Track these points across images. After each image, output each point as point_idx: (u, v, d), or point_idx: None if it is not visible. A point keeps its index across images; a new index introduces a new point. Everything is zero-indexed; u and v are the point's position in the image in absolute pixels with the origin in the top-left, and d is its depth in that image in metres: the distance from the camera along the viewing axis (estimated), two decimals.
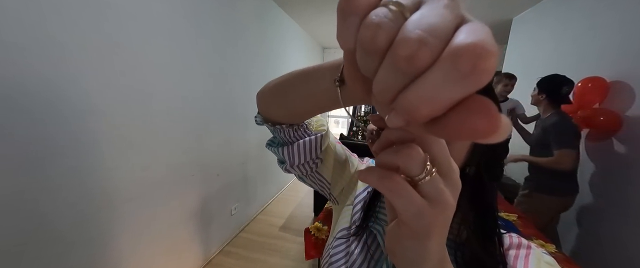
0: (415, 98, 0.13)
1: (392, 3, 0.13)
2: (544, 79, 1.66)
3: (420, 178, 0.18)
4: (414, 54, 0.12)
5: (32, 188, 0.97)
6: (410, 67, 0.12)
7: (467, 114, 0.12)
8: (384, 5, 0.13)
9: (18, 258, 0.96)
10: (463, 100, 0.13)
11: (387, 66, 0.13)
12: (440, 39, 0.12)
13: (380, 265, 0.43)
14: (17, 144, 0.92)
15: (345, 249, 0.47)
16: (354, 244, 0.46)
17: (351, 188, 0.55)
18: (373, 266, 0.43)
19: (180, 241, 1.74)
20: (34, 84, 0.94)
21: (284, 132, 0.42)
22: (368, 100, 0.18)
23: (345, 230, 0.50)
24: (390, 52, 0.12)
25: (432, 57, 0.12)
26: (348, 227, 0.50)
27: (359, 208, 0.51)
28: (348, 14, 0.14)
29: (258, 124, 0.44)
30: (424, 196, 0.19)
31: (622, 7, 1.70)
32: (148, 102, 1.40)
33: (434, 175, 0.19)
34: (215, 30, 1.87)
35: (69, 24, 1.02)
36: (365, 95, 0.17)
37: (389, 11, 0.13)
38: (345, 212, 0.53)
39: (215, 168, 2.02)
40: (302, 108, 0.35)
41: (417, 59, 0.12)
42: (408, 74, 0.12)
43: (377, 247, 0.45)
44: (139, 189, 1.40)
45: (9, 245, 0.93)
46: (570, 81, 1.59)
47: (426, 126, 0.14)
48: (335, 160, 0.52)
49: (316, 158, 0.47)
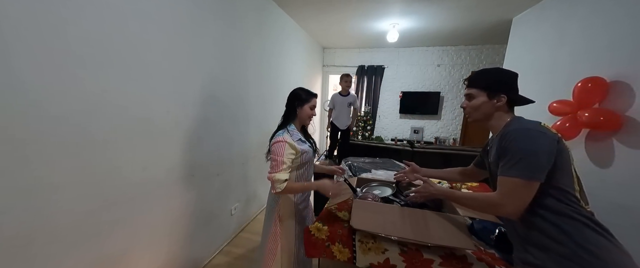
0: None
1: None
2: (486, 74, 0.98)
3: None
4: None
5: (32, 188, 0.97)
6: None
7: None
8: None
9: (18, 258, 0.96)
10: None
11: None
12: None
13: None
14: (17, 144, 0.92)
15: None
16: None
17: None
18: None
19: (181, 241, 1.75)
20: (34, 84, 0.94)
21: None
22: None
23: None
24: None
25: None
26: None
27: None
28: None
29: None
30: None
31: (622, 7, 1.70)
32: (148, 102, 1.40)
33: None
34: (216, 30, 1.87)
35: (70, 24, 1.02)
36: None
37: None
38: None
39: (215, 168, 2.02)
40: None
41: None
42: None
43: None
44: (139, 189, 1.40)
45: (9, 244, 0.93)
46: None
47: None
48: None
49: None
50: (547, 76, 2.35)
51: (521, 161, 0.79)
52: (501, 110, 0.93)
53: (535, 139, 0.79)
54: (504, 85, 0.93)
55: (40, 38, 0.94)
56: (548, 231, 0.79)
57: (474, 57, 4.53)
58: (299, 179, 1.35)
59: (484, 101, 0.94)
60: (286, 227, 1.35)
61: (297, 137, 1.31)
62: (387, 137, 5.19)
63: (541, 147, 0.78)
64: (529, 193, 0.79)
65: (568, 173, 0.80)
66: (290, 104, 1.35)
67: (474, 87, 0.97)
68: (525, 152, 0.79)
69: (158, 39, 1.42)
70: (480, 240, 1.14)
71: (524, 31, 2.85)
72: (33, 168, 0.97)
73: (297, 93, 1.34)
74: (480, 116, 0.97)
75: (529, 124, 0.84)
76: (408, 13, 3.06)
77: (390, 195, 1.42)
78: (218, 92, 1.97)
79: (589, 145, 1.81)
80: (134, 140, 1.35)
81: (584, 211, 0.79)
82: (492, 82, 0.94)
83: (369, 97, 5.11)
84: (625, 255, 0.75)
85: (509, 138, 0.83)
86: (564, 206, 0.79)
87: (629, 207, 1.53)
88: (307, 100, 1.33)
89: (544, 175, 0.78)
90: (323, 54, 5.29)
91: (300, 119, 1.36)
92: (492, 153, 0.96)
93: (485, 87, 0.94)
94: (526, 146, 0.79)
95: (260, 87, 2.64)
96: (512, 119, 0.92)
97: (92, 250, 1.21)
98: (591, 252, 0.73)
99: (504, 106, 0.93)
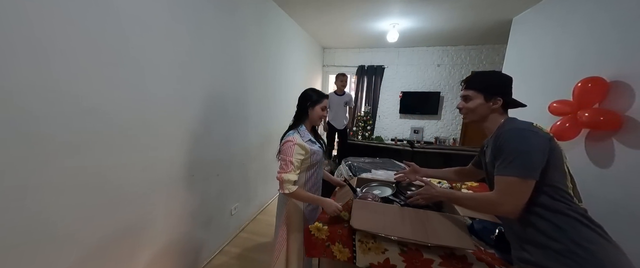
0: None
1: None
2: (484, 77, 1.00)
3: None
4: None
5: (32, 188, 0.97)
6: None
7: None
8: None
9: (18, 257, 0.96)
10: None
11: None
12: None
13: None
14: (17, 144, 0.92)
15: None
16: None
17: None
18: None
19: (180, 241, 1.75)
20: (34, 84, 0.94)
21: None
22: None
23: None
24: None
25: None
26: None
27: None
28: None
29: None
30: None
31: (622, 7, 1.70)
32: (148, 102, 1.40)
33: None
34: (216, 30, 1.87)
35: (71, 24, 1.02)
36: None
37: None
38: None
39: (215, 168, 2.02)
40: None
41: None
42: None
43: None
44: (139, 189, 1.40)
45: (9, 244, 0.93)
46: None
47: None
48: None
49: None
50: (547, 76, 2.35)
51: (516, 160, 0.81)
52: (496, 112, 0.96)
53: (528, 139, 0.82)
54: (500, 88, 0.96)
55: (41, 38, 0.94)
56: (543, 228, 0.81)
57: (474, 57, 4.53)
58: (308, 181, 1.36)
59: (480, 103, 0.96)
60: (294, 226, 1.37)
61: (308, 137, 1.32)
62: (387, 137, 5.19)
63: (534, 146, 0.80)
64: (525, 191, 0.81)
65: (561, 171, 0.83)
66: (301, 104, 1.35)
67: (472, 88, 0.99)
68: (519, 151, 0.81)
69: (158, 39, 1.42)
70: (480, 240, 1.14)
71: (524, 31, 2.85)
72: (32, 168, 0.97)
73: (308, 94, 1.35)
74: (476, 117, 1.00)
75: (522, 125, 0.87)
76: (408, 13, 3.06)
77: (390, 195, 1.42)
78: (218, 92, 1.97)
79: (589, 145, 1.81)
80: (134, 141, 1.35)
81: (578, 208, 0.81)
82: (490, 85, 0.97)
83: (369, 97, 5.11)
84: (619, 251, 0.77)
85: (503, 139, 0.86)
86: (558, 203, 0.81)
87: (629, 207, 1.53)
88: (319, 101, 1.34)
89: (538, 173, 0.80)
90: (323, 54, 5.28)
91: (312, 119, 1.37)
92: (488, 154, 0.98)
93: (483, 89, 0.96)
94: (520, 146, 0.81)
95: (260, 87, 2.64)
96: (505, 120, 0.95)
97: (91, 250, 1.21)
98: (586, 249, 0.75)
99: (499, 108, 0.96)
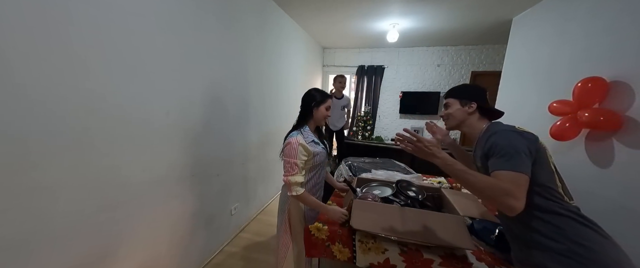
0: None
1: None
2: (460, 87, 1.15)
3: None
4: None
5: (32, 188, 0.97)
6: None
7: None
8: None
9: (18, 257, 0.96)
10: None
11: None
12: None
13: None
14: (17, 144, 0.92)
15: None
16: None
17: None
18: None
19: (180, 241, 1.75)
20: (34, 84, 0.94)
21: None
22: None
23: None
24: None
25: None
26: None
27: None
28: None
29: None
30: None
31: (622, 7, 1.70)
32: (148, 102, 1.40)
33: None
34: (216, 30, 1.87)
35: (71, 24, 1.02)
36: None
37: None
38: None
39: (215, 168, 2.02)
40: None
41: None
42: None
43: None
44: (139, 189, 1.40)
45: (9, 244, 0.93)
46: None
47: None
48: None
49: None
50: (547, 76, 2.35)
51: (509, 157, 0.83)
52: (473, 117, 1.05)
53: (514, 138, 0.86)
54: (473, 96, 1.06)
55: (41, 37, 0.94)
56: (542, 229, 0.83)
57: (474, 57, 4.53)
58: (309, 181, 1.36)
59: (457, 108, 1.08)
60: (294, 225, 1.38)
61: (311, 138, 1.31)
62: (387, 137, 5.18)
63: (521, 145, 0.83)
64: (526, 186, 0.80)
65: (548, 170, 0.85)
66: (305, 104, 1.34)
67: (450, 96, 1.11)
68: (507, 149, 0.83)
69: (158, 39, 1.42)
70: (480, 240, 1.14)
71: (524, 31, 2.85)
72: (32, 168, 0.97)
73: (312, 94, 1.34)
74: (455, 122, 1.09)
75: (507, 127, 0.93)
76: (408, 13, 3.05)
77: (390, 195, 1.42)
78: (218, 92, 1.97)
79: (589, 145, 1.81)
80: (134, 141, 1.34)
81: (570, 206, 0.83)
82: (464, 92, 1.09)
83: (369, 97, 5.11)
84: (618, 247, 0.79)
85: (491, 141, 0.90)
86: (550, 203, 0.83)
87: (629, 207, 1.53)
88: (323, 101, 1.33)
89: (529, 170, 0.81)
90: (323, 54, 5.28)
91: (316, 119, 1.36)
92: (477, 158, 1.01)
93: (458, 95, 1.09)
94: (508, 145, 0.84)
95: (260, 87, 2.64)
96: (489, 125, 1.01)
97: (91, 250, 1.21)
98: (587, 248, 0.76)
99: (475, 114, 1.04)
